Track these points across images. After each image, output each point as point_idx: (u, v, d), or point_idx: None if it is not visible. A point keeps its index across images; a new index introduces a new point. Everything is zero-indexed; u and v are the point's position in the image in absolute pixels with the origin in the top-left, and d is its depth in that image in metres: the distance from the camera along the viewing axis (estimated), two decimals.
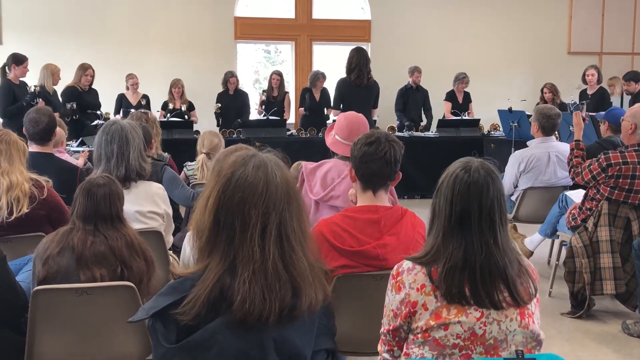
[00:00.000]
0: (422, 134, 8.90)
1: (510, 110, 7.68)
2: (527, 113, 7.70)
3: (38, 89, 7.18)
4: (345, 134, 3.32)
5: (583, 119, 4.81)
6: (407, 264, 1.92)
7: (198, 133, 8.14)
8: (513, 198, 5.42)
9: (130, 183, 3.41)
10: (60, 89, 7.92)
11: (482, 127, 9.00)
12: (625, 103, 8.26)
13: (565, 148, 5.05)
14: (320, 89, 9.16)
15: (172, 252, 3.70)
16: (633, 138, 4.20)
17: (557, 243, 5.16)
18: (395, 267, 1.95)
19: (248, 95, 9.46)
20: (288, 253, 1.58)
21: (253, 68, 11.96)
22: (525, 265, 1.90)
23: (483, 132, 8.95)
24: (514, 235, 5.38)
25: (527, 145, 5.50)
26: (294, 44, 10.76)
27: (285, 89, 9.47)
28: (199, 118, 9.09)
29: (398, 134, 8.43)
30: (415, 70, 9.39)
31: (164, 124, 7.55)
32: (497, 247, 1.84)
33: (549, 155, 5.27)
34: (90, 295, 2.49)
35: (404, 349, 1.92)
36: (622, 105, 8.01)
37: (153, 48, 10.10)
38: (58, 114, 7.12)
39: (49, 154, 4.00)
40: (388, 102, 9.25)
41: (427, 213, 1.99)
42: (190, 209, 4.34)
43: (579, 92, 8.79)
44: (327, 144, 3.45)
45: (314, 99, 9.10)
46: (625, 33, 11.13)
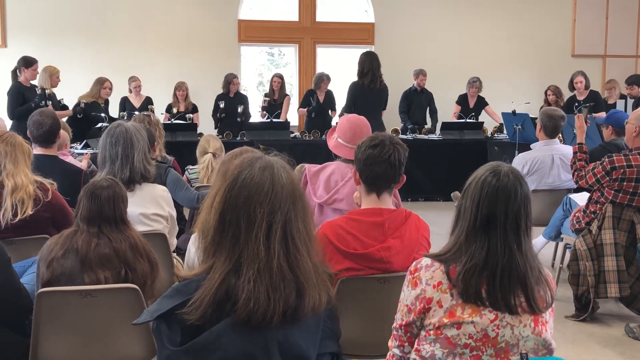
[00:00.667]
0: (426, 137, 8.89)
1: (514, 113, 7.67)
2: (531, 116, 7.69)
3: (47, 92, 7.23)
4: (348, 137, 3.32)
5: (585, 121, 4.81)
6: (425, 261, 1.93)
7: (202, 135, 8.15)
8: None
9: (135, 185, 3.41)
10: (59, 91, 7.88)
11: (486, 129, 9.00)
12: (628, 106, 8.23)
13: (569, 151, 5.04)
14: (325, 91, 9.17)
15: (175, 254, 3.70)
16: (637, 141, 4.20)
17: (561, 246, 5.14)
18: (414, 263, 1.97)
19: (248, 98, 9.46)
20: (293, 253, 1.58)
21: (257, 71, 11.97)
22: (545, 275, 1.91)
23: (487, 134, 8.94)
24: None
25: (531, 148, 5.50)
26: (298, 47, 10.77)
27: (286, 92, 9.47)
28: (203, 121, 9.10)
29: (402, 137, 8.42)
30: (420, 74, 9.40)
31: (168, 127, 7.56)
32: (520, 252, 1.85)
33: (553, 158, 5.27)
34: (95, 298, 2.49)
35: (415, 345, 1.93)
36: (625, 109, 7.98)
37: (157, 51, 10.11)
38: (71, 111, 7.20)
39: (54, 157, 4.01)
40: (392, 104, 9.23)
41: (431, 215, 2.00)
42: (195, 211, 4.34)
43: (567, 99, 8.78)
44: (329, 147, 3.45)
45: (318, 101, 9.11)
46: (629, 36, 11.11)
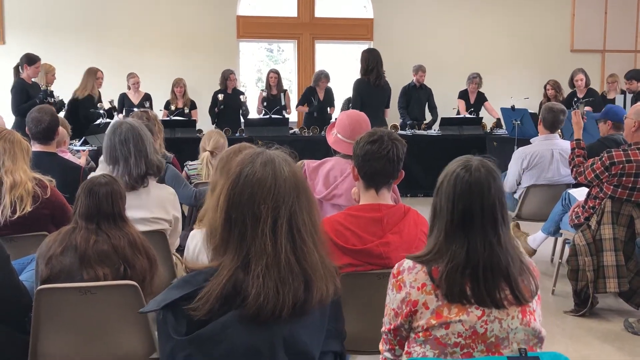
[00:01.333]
0: (424, 132, 8.90)
1: (513, 108, 7.67)
2: (530, 111, 7.69)
3: (50, 89, 7.28)
4: (347, 133, 3.32)
5: (582, 117, 4.82)
6: (407, 263, 1.92)
7: (201, 132, 8.15)
8: (516, 196, 5.42)
9: (148, 180, 3.41)
10: (56, 88, 7.85)
11: (484, 125, 9.00)
12: (627, 101, 8.22)
13: (569, 146, 5.04)
14: (324, 89, 9.17)
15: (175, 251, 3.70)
16: (637, 136, 4.19)
17: (560, 241, 5.15)
18: (396, 266, 1.95)
19: (246, 95, 9.45)
20: (299, 246, 1.59)
21: (255, 67, 11.96)
22: (527, 263, 1.90)
23: (486, 130, 8.94)
24: (517, 234, 5.38)
25: (530, 143, 5.50)
26: (297, 43, 10.75)
27: (284, 87, 9.47)
28: (201, 117, 9.09)
29: (401, 132, 8.42)
30: (420, 70, 9.40)
31: (167, 123, 7.56)
32: (500, 245, 1.83)
33: (553, 153, 5.27)
34: (94, 294, 2.49)
35: (406, 348, 1.92)
36: (624, 105, 7.98)
37: (155, 47, 10.10)
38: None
39: (52, 154, 4.01)
40: (391, 100, 9.23)
41: (429, 211, 1.99)
42: (194, 208, 4.34)
43: (566, 95, 8.78)
44: (328, 143, 3.45)
45: (318, 99, 9.12)
46: (628, 31, 11.11)
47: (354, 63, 6.86)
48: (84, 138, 7.31)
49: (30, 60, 7.27)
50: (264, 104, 8.99)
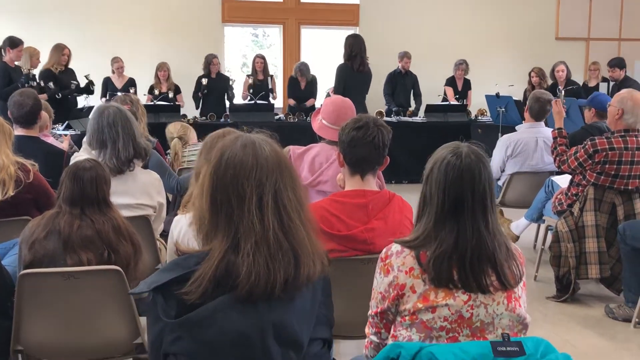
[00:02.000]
0: (410, 119, 8.92)
1: (498, 96, 7.69)
2: (514, 98, 7.71)
3: (33, 73, 7.18)
4: (333, 119, 3.32)
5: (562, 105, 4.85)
6: (395, 247, 1.93)
7: (185, 117, 8.11)
8: (500, 182, 5.45)
9: (134, 165, 3.40)
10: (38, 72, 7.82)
11: (469, 112, 9.03)
12: (611, 89, 8.28)
13: None
14: (307, 80, 9.19)
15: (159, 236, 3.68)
16: (619, 124, 4.22)
17: (543, 228, 5.19)
18: (384, 249, 1.96)
19: (229, 79, 9.41)
20: (287, 223, 1.59)
21: (241, 52, 11.89)
22: (512, 249, 1.91)
23: (470, 117, 8.97)
24: (501, 220, 5.42)
25: (515, 130, 5.52)
26: (282, 28, 10.69)
27: (270, 72, 9.45)
28: (186, 102, 9.03)
29: (386, 119, 8.44)
30: (405, 56, 9.40)
31: (151, 108, 7.50)
32: (488, 231, 1.85)
33: (537, 141, 5.31)
34: (77, 279, 2.48)
35: (392, 332, 1.94)
36: (608, 92, 8.04)
37: (139, 31, 10.00)
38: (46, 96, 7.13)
39: (35, 138, 3.97)
40: (376, 86, 9.23)
41: (414, 198, 1.99)
42: (177, 195, 4.33)
43: (549, 86, 8.83)
44: (314, 129, 3.45)
45: (299, 89, 9.11)
46: (613, 19, 11.16)
47: (340, 49, 6.82)
48: (67, 122, 7.24)
49: (13, 44, 7.17)
50: (250, 91, 8.96)
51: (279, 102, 9.86)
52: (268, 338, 1.53)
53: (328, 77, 9.45)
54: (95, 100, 8.20)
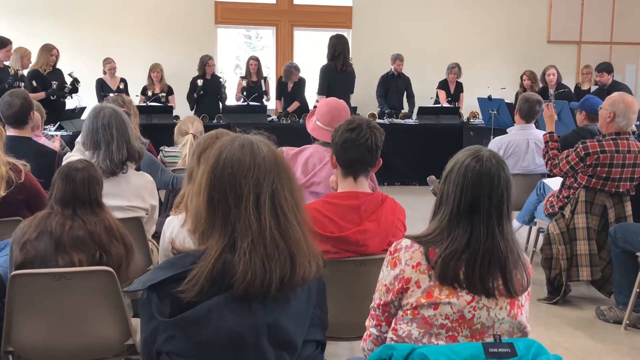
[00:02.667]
0: (402, 121, 8.93)
1: (490, 98, 7.71)
2: (506, 101, 7.74)
3: (21, 73, 7.14)
4: (327, 120, 3.32)
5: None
6: (405, 242, 1.94)
7: (177, 118, 8.09)
8: None
9: (127, 167, 3.38)
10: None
11: (461, 115, 9.05)
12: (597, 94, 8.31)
13: None
14: (295, 82, 9.19)
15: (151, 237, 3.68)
16: (611, 126, 4.24)
17: (534, 230, 5.21)
18: (394, 244, 1.97)
19: (225, 79, 9.40)
20: (283, 222, 1.60)
21: (234, 54, 11.88)
22: (523, 259, 1.93)
23: (463, 120, 9.00)
24: None
25: (506, 133, 5.54)
26: (275, 30, 10.70)
27: (264, 74, 9.44)
28: (178, 103, 9.02)
29: (379, 121, 8.44)
30: (397, 58, 9.42)
31: (143, 109, 7.49)
32: (502, 236, 1.86)
33: (528, 143, 5.33)
34: (69, 280, 2.47)
35: (392, 325, 1.94)
36: (598, 96, 8.05)
37: (132, 32, 9.99)
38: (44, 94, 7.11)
39: (27, 138, 3.96)
40: (369, 89, 9.25)
41: (407, 200, 2.00)
42: (171, 194, 4.32)
43: (539, 89, 8.86)
44: (308, 130, 3.45)
45: (286, 90, 9.15)
46: (604, 22, 11.23)
47: None
48: (59, 123, 7.21)
49: (2, 44, 7.12)
50: (244, 93, 8.96)
51: (272, 103, 9.86)
52: (262, 339, 1.53)
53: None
54: (89, 102, 8.16)
